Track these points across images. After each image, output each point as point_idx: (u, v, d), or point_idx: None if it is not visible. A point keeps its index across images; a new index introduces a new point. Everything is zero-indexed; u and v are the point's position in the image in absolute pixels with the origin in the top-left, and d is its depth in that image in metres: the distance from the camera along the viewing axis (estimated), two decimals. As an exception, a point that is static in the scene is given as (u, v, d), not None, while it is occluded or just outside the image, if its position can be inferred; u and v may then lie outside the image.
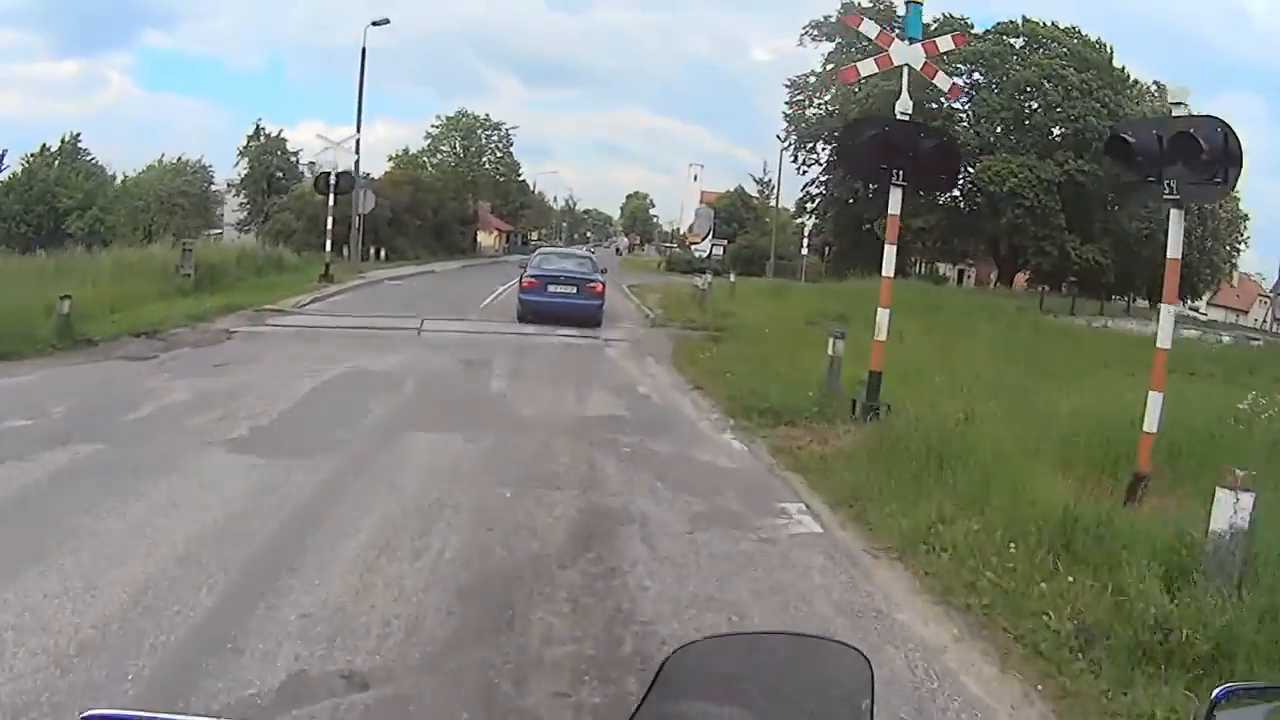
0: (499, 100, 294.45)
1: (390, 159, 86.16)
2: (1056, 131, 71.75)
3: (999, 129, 71.92)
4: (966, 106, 72.68)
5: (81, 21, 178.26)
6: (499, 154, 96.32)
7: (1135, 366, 20.60)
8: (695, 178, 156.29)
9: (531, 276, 30.51)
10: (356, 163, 46.80)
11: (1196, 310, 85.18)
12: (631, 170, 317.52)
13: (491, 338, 26.04)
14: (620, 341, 26.99)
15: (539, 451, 13.22)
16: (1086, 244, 70.48)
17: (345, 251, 48.91)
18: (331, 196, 40.40)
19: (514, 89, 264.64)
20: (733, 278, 44.10)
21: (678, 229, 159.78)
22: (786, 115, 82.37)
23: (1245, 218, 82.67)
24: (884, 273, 17.46)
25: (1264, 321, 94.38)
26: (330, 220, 40.69)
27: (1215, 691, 2.28)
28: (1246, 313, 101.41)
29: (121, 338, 21.10)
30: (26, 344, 18.47)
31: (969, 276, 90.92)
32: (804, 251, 70.67)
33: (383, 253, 57.93)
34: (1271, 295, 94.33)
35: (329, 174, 40.91)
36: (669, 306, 37.10)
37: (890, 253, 17.28)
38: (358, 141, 46.81)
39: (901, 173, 16.15)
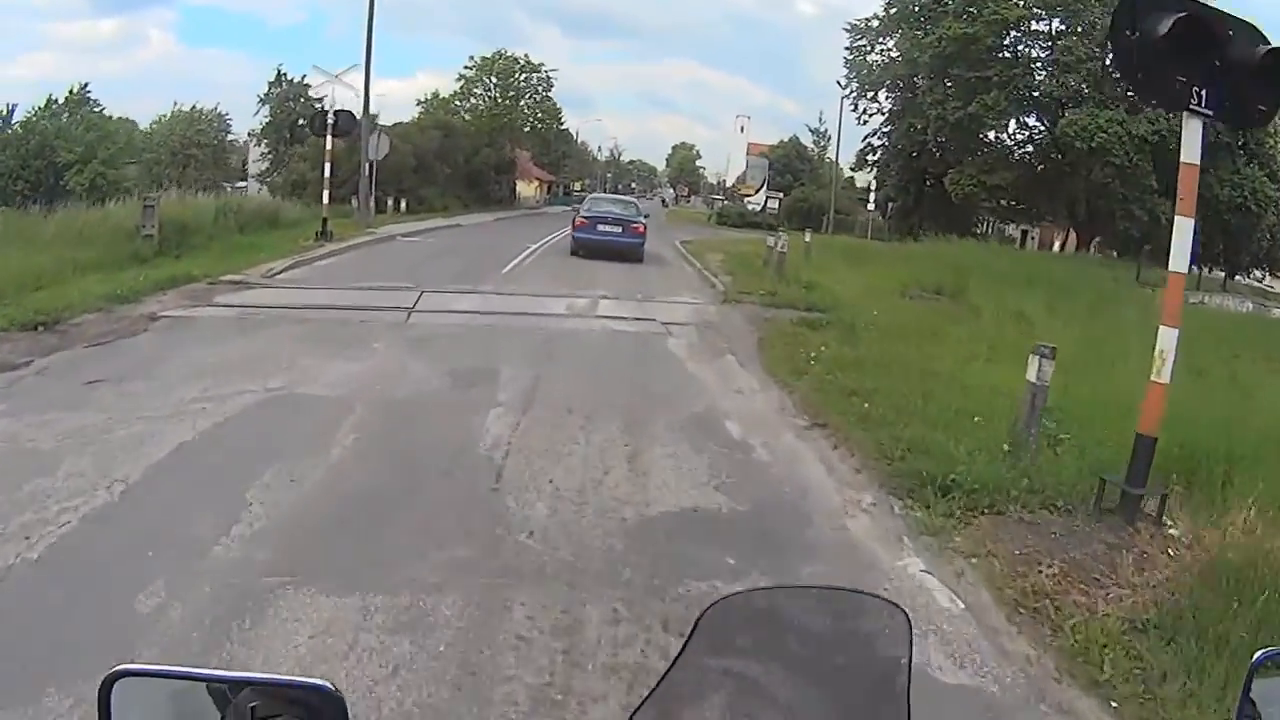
0: (541, 52, 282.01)
1: (419, 103, 79.73)
2: None
3: (1084, 82, 63.52)
4: (1047, 56, 65.57)
5: None
6: (538, 98, 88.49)
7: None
8: (742, 129, 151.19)
9: (583, 217, 34.62)
10: (366, 102, 39.61)
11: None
12: (675, 122, 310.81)
13: (509, 322, 18.80)
14: (685, 326, 19.69)
15: (557, 676, 5.94)
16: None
17: (356, 203, 42.27)
18: (329, 138, 33.26)
19: (555, 40, 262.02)
20: (809, 237, 36.14)
21: (724, 181, 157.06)
22: (847, 61, 76.09)
23: None
24: (1172, 264, 9.76)
25: None
26: (328, 166, 33.68)
27: (1256, 655, 2.15)
28: None
29: (5, 332, 14.99)
30: None
31: (1032, 238, 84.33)
32: (870, 207, 62.93)
33: (403, 204, 50.43)
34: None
35: (325, 112, 33.70)
36: (737, 272, 30.01)
37: (1184, 228, 9.40)
38: (367, 79, 39.49)
39: (1207, 94, 8.86)
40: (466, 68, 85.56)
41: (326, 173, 33.31)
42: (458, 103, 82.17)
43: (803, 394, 13.64)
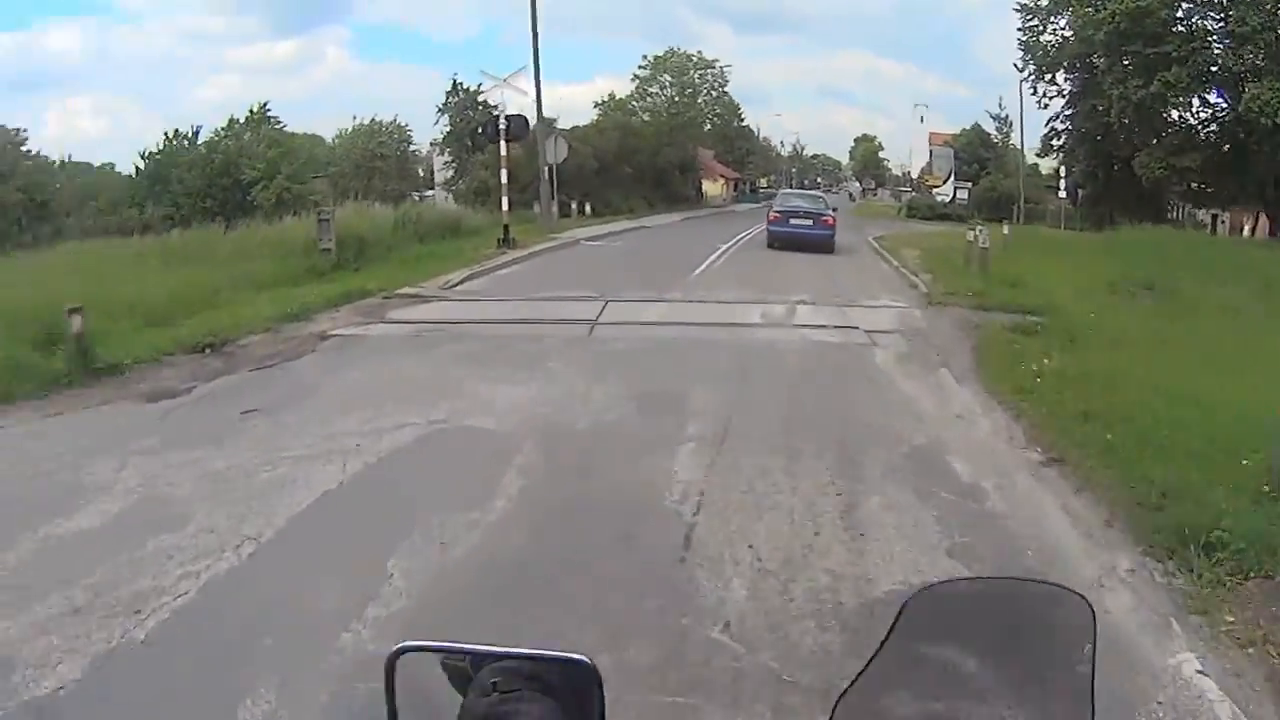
0: (712, 49, 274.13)
1: (596, 105, 78.93)
2: None
3: (1261, 54, 58.96)
4: (1219, 26, 60.97)
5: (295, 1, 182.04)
6: (715, 94, 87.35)
7: None
8: (922, 119, 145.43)
9: (776, 212, 37.12)
10: (539, 103, 38.60)
11: None
12: (853, 114, 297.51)
13: (700, 334, 17.21)
14: (891, 334, 17.82)
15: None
16: None
17: (538, 209, 41.32)
18: (503, 144, 32.37)
19: (726, 36, 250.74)
20: (1006, 229, 33.72)
21: (908, 172, 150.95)
22: (1021, 43, 72.01)
23: None
24: None
25: None
26: (505, 173, 32.89)
27: None
28: None
29: (171, 356, 14.54)
30: (26, 379, 12.51)
31: (1223, 223, 78.58)
32: (1061, 194, 60.09)
33: (588, 208, 49.31)
34: None
35: (496, 118, 32.70)
36: (937, 270, 27.78)
37: None
38: (537, 81, 38.57)
39: None
40: (640, 68, 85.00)
41: (504, 179, 32.44)
42: (634, 103, 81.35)
43: (1031, 418, 11.84)
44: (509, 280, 24.30)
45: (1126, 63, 61.59)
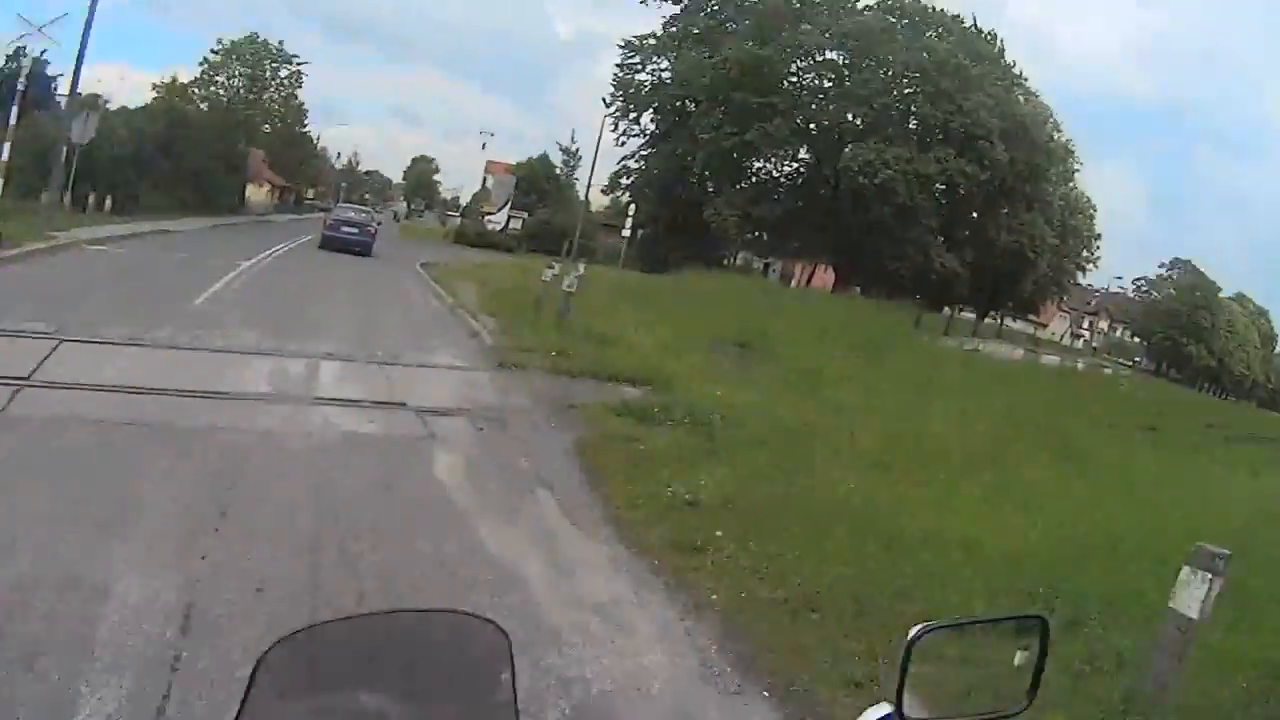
0: (302, 51, 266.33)
1: (154, 88, 67.61)
2: (937, 126, 60.43)
3: (868, 116, 61.06)
4: (831, 87, 62.94)
5: None
6: (284, 93, 77.82)
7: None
8: (484, 146, 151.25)
9: (332, 220, 43.38)
10: (77, 69, 30.88)
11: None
12: (421, 135, 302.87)
13: (175, 414, 10.74)
14: (455, 417, 12.58)
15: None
16: (950, 251, 60.98)
17: (63, 198, 33.48)
18: (14, 111, 24.45)
19: (315, 43, 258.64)
20: (581, 269, 28.67)
21: (457, 197, 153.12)
22: (615, 79, 70.85)
23: (1099, 236, 75.56)
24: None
25: (1064, 337, 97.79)
26: (7, 147, 25.09)
27: (911, 631, 2.25)
28: (1046, 326, 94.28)
29: None
30: None
31: (774, 271, 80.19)
32: (626, 233, 56.95)
33: (107, 202, 41.01)
34: (1074, 310, 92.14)
35: (13, 74, 25.20)
36: (501, 313, 22.71)
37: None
38: (83, 42, 30.65)
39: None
40: (213, 51, 74.14)
41: (3, 154, 24.87)
42: (197, 91, 71.08)
43: (720, 609, 7.25)
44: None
45: (723, 110, 61.26)
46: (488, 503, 9.34)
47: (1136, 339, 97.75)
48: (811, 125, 62.71)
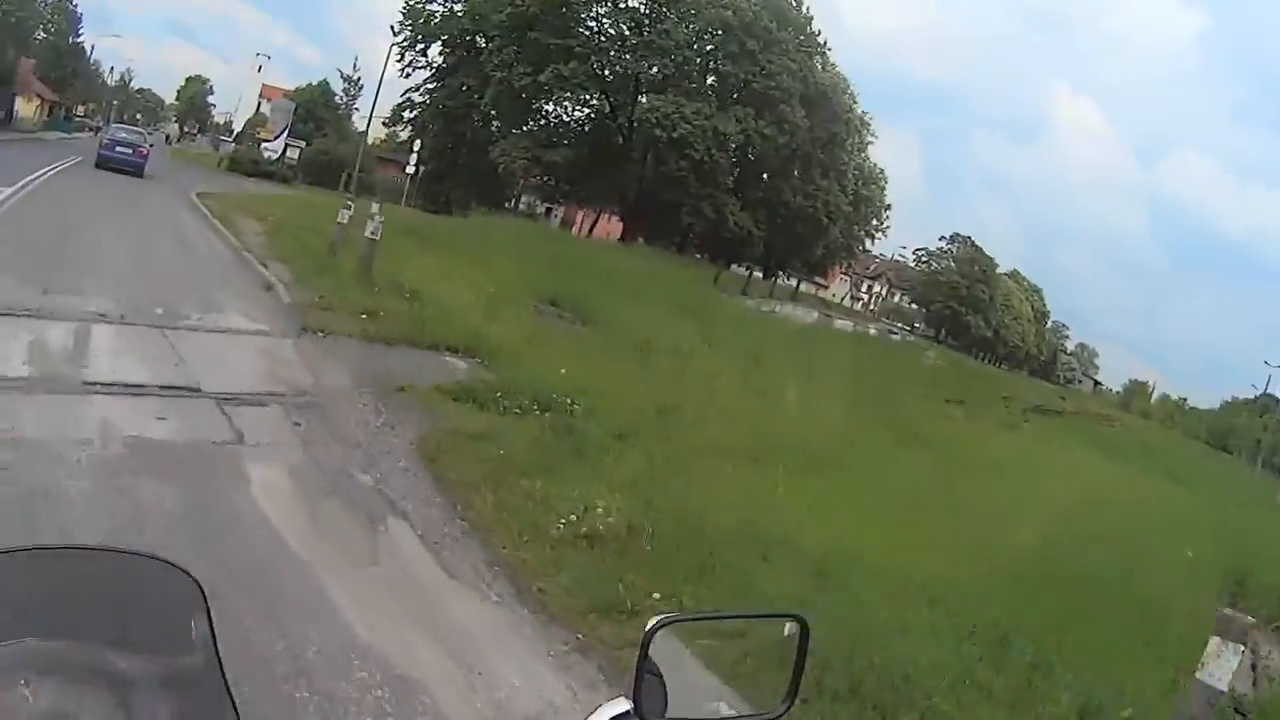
0: None
1: None
2: (737, 86, 59.07)
3: (667, 68, 58.79)
4: (629, 34, 59.39)
5: None
6: None
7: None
8: (260, 69, 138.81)
9: (106, 139, 44.38)
10: None
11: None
12: (194, 53, 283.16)
13: None
14: (265, 408, 10.01)
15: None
16: (744, 210, 59.60)
17: None
18: None
19: None
20: (377, 210, 25.82)
21: (230, 121, 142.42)
22: (406, 7, 67.15)
23: (889, 207, 74.22)
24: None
25: (845, 299, 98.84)
26: None
27: (649, 623, 2.19)
28: (827, 288, 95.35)
29: None
30: None
31: (556, 216, 78.73)
32: (410, 169, 53.76)
33: None
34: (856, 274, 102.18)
35: None
36: (295, 260, 19.69)
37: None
38: None
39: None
40: None
41: None
42: None
43: None
44: None
45: (518, 49, 58.34)
46: (333, 548, 6.97)
47: (914, 305, 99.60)
48: (608, 72, 60.48)
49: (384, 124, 74.30)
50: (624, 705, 2.07)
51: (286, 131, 71.22)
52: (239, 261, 19.88)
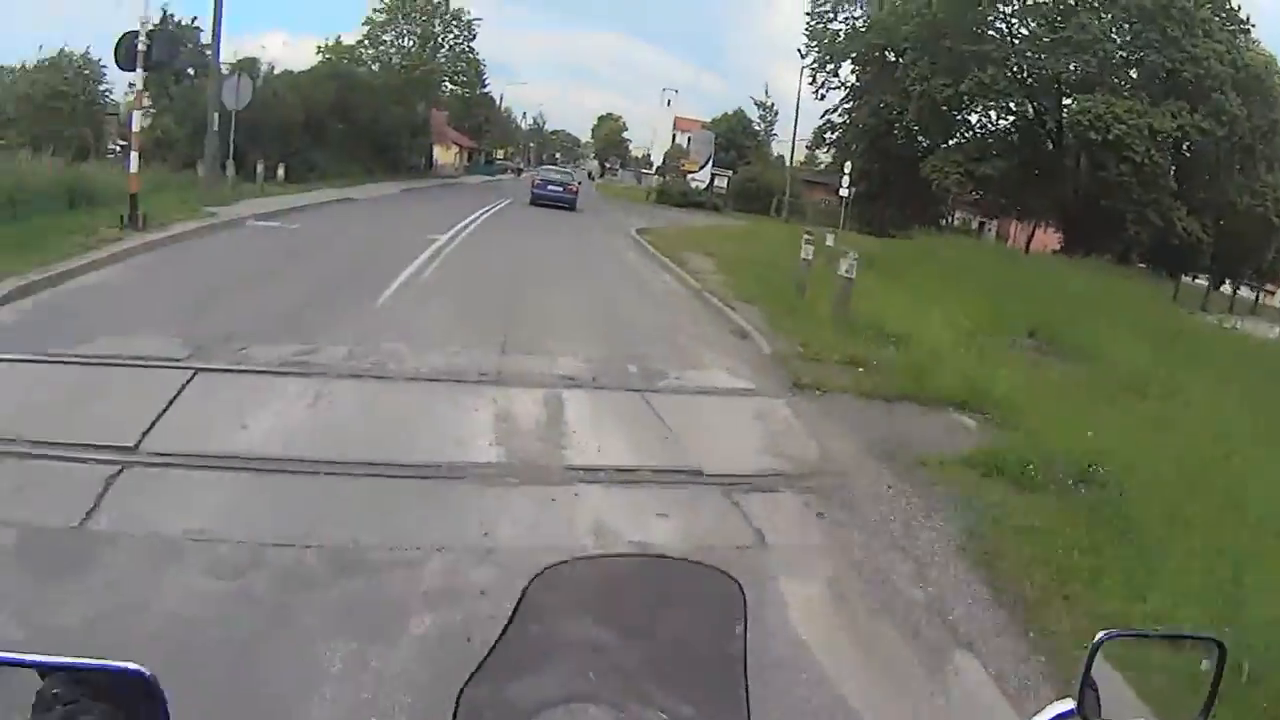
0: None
1: (318, 51, 62.71)
2: (1162, 77, 53.34)
3: (1089, 65, 53.62)
4: (1051, 34, 54.69)
5: None
6: (458, 49, 72.04)
7: None
8: (669, 103, 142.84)
9: (539, 179, 51.02)
10: (217, 24, 27.64)
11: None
12: (598, 94, 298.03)
13: (358, 500, 7.17)
14: (776, 491, 8.38)
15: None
16: (1190, 215, 53.84)
17: (225, 169, 30.64)
18: (139, 71, 20.59)
19: (484, 3, 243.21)
20: (831, 240, 24.14)
21: (648, 154, 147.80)
22: (807, 29, 66.51)
23: None
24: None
25: None
26: (136, 116, 22.01)
27: (1099, 635, 2.18)
28: (1274, 294, 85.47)
29: None
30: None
31: (989, 230, 75.75)
32: (843, 191, 52.08)
33: (280, 171, 37.64)
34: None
35: (134, 34, 20.88)
36: (758, 297, 18.47)
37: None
38: (218, 9, 27.48)
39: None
40: (375, 10, 68.86)
41: (135, 124, 21.44)
42: (365, 51, 66.69)
43: None
44: (74, 303, 13.22)
45: (933, 60, 56.09)
46: (893, 699, 5.48)
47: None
48: (1027, 75, 56.85)
49: (807, 147, 73.76)
50: (1069, 705, 2.10)
51: (710, 161, 71.51)
52: (702, 304, 18.80)
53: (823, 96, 67.07)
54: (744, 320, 16.13)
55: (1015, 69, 55.93)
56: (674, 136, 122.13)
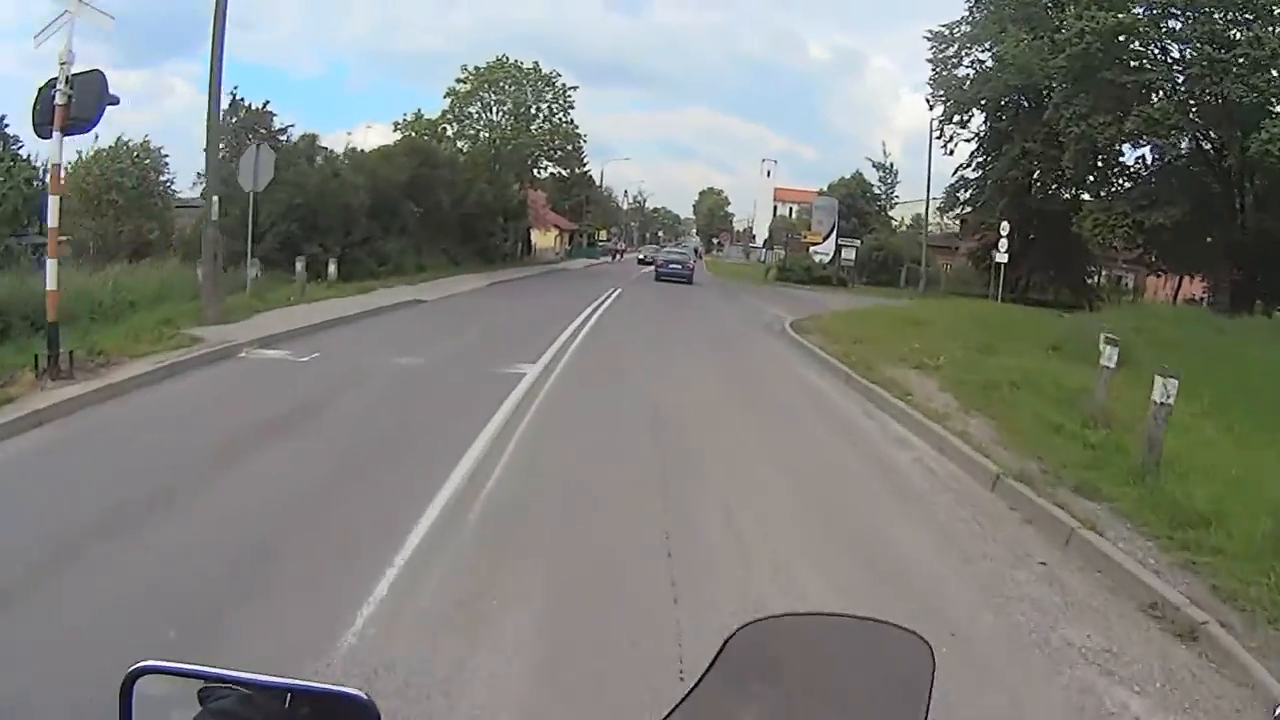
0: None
1: (396, 128, 54.53)
2: None
3: (1264, 85, 43.12)
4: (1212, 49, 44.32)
5: (146, 33, 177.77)
6: (555, 119, 60.07)
7: None
8: (769, 174, 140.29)
9: (661, 260, 57.60)
10: (214, 86, 20.02)
11: None
12: (694, 170, 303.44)
13: None
14: None
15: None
16: None
17: (250, 270, 23.91)
18: (56, 135, 12.80)
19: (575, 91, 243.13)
20: (1107, 353, 15.52)
21: (749, 228, 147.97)
22: (932, 78, 59.19)
23: None
24: None
25: None
26: (54, 202, 14.20)
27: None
28: None
29: None
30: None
31: (1126, 284, 66.83)
32: (1000, 256, 43.84)
33: (331, 267, 29.20)
34: None
35: (53, 83, 13.05)
36: (1040, 448, 11.26)
37: None
38: (217, 49, 19.86)
39: None
40: (459, 81, 58.33)
41: (51, 217, 13.68)
42: (449, 125, 57.10)
43: None
44: None
45: (1087, 94, 46.65)
46: None
47: None
48: (1193, 104, 46.28)
49: (939, 210, 65.88)
50: None
51: (835, 231, 63.28)
52: (949, 447, 11.86)
53: (951, 152, 59.91)
54: (1044, 502, 8.98)
55: (1184, 98, 46.55)
56: (775, 208, 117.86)
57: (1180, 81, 45.74)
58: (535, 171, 63.52)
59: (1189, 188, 47.35)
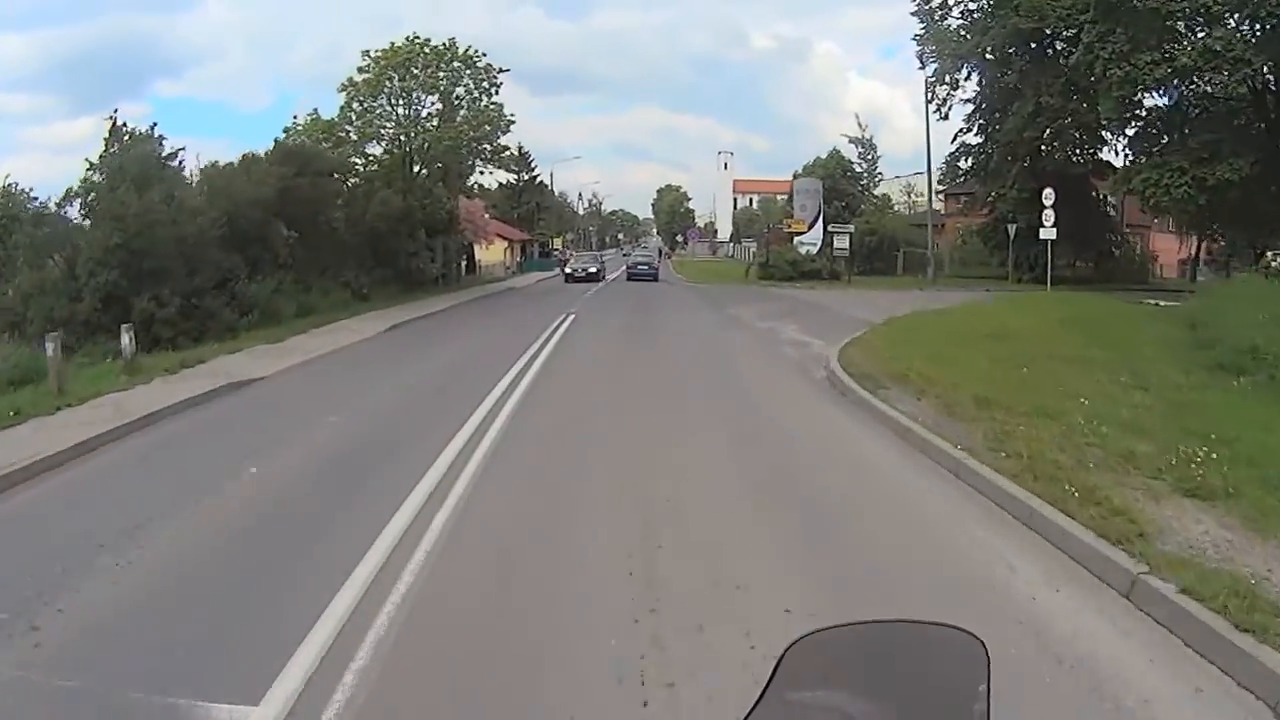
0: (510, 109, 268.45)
1: (286, 132, 41.91)
2: None
3: None
4: None
5: (92, 79, 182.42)
6: (478, 104, 44.90)
7: None
8: (725, 166, 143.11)
9: (631, 262, 64.35)
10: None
11: None
12: (651, 170, 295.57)
13: None
14: None
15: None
16: None
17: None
18: None
19: (523, 98, 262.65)
20: None
21: (711, 223, 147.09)
22: (920, 33, 51.75)
23: None
24: None
25: None
26: None
27: None
28: None
29: None
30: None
31: (1136, 248, 60.12)
32: (1046, 233, 38.82)
33: (125, 340, 16.65)
34: None
35: None
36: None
37: None
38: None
39: None
40: (360, 69, 43.84)
41: None
42: (350, 127, 43.37)
43: None
44: None
45: (1124, 30, 37.89)
46: None
47: None
48: (1257, 31, 38.11)
49: (939, 184, 59.06)
50: None
51: (819, 218, 54.15)
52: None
53: (945, 116, 52.28)
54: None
55: (1241, 28, 38.27)
56: (735, 200, 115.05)
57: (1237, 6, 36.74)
58: (474, 175, 51.55)
59: (1246, 137, 38.84)
